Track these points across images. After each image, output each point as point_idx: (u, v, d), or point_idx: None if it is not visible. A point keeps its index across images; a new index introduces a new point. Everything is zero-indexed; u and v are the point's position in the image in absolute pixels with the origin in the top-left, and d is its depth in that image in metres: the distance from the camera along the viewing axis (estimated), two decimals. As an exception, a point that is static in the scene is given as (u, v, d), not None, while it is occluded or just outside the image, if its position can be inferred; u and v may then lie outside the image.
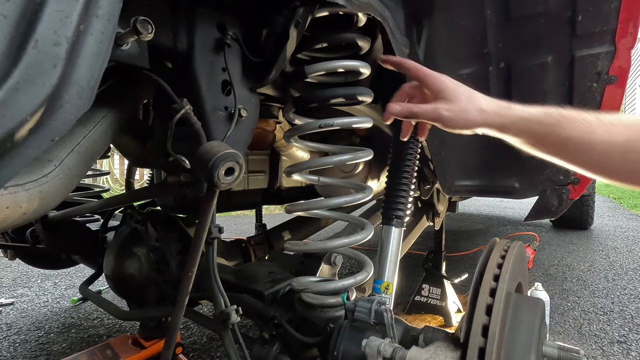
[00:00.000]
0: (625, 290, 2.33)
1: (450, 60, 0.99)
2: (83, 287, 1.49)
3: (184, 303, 0.64)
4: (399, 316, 0.80)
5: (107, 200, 1.49)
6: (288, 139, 0.93)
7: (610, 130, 0.54)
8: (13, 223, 0.49)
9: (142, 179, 6.42)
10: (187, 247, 1.18)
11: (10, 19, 0.32)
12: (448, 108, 0.63)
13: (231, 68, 0.71)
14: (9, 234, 1.69)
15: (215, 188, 0.56)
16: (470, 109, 0.62)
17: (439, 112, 0.63)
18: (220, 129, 0.70)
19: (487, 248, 0.72)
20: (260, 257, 1.60)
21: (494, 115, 0.61)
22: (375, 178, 1.61)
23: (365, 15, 0.78)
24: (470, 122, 0.62)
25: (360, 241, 0.86)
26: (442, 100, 0.64)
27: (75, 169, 0.58)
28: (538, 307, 0.62)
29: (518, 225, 4.50)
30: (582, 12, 0.85)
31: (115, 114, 0.70)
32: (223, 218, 5.24)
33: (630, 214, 5.43)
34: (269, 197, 1.85)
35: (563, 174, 1.02)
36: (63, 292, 2.35)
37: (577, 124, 0.56)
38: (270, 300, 0.95)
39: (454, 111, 0.62)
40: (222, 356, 1.59)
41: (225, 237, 1.14)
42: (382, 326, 0.68)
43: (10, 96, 0.33)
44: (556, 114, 0.57)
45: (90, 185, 1.92)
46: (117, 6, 0.42)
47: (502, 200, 6.30)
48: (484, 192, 1.16)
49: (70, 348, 1.68)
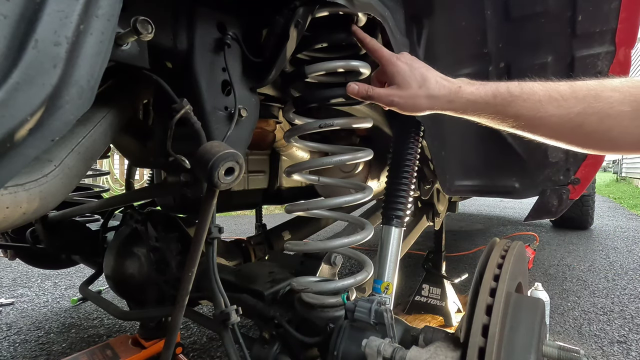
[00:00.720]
0: (625, 290, 2.33)
1: (450, 60, 0.99)
2: (83, 287, 1.49)
3: (184, 303, 0.64)
4: (399, 316, 0.80)
5: (107, 200, 1.49)
6: (288, 139, 0.93)
7: (560, 104, 0.55)
8: (13, 223, 0.49)
9: (142, 179, 6.42)
10: (187, 247, 1.18)
11: (10, 19, 0.32)
12: (399, 94, 0.66)
13: (231, 68, 0.71)
14: (9, 234, 1.69)
15: (215, 188, 0.56)
16: (419, 95, 0.64)
17: (390, 98, 0.67)
18: (220, 129, 0.70)
19: (487, 248, 0.72)
20: (260, 257, 1.60)
21: (443, 101, 0.64)
22: (375, 178, 1.61)
23: (365, 15, 0.78)
24: (419, 108, 0.66)
25: (360, 241, 0.86)
26: (394, 86, 0.67)
27: (75, 169, 0.58)
28: (538, 307, 0.62)
29: (518, 225, 4.50)
30: (582, 12, 0.85)
31: (115, 114, 0.70)
32: (223, 218, 5.24)
33: (630, 214, 5.43)
34: (269, 197, 1.85)
35: (563, 174, 1.02)
36: (63, 292, 2.35)
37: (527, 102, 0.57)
38: (270, 300, 0.95)
39: (404, 97, 0.65)
40: (222, 356, 1.59)
41: (225, 237, 1.14)
42: (382, 326, 0.68)
43: (10, 96, 0.33)
44: (505, 94, 0.59)
45: (90, 185, 1.92)
46: (117, 6, 0.42)
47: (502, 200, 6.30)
48: (484, 192, 1.16)
49: (70, 348, 1.68)
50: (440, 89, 0.64)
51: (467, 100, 0.62)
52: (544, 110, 0.56)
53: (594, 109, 0.53)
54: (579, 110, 0.54)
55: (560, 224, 4.21)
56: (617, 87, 0.52)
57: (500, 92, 0.59)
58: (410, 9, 0.94)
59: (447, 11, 0.94)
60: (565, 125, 0.55)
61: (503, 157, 1.07)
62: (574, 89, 0.55)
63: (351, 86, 0.71)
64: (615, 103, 0.52)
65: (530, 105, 0.57)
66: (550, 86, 0.57)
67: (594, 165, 1.00)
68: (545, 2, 0.86)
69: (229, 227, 4.58)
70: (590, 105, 0.53)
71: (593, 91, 0.53)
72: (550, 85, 0.57)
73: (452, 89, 0.63)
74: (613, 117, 0.52)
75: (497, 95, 0.59)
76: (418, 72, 0.66)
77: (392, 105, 0.68)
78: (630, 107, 0.51)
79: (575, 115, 0.54)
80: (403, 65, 0.67)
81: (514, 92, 0.58)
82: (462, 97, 0.62)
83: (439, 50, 0.98)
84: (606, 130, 0.53)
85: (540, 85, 0.57)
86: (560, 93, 0.55)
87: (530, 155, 1.04)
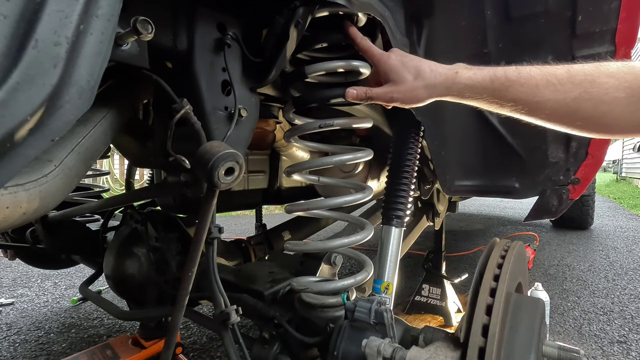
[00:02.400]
0: (625, 290, 2.33)
1: (451, 60, 0.98)
2: (83, 287, 1.49)
3: (184, 303, 0.64)
4: (399, 316, 0.80)
5: (107, 200, 1.49)
6: (288, 139, 0.93)
7: (557, 89, 0.55)
8: (13, 223, 0.49)
9: (142, 179, 6.42)
10: (187, 247, 1.18)
11: (10, 19, 0.32)
12: (397, 90, 0.66)
13: (231, 68, 0.71)
14: (9, 234, 1.69)
15: (215, 188, 0.56)
16: (417, 86, 0.65)
17: (390, 95, 0.67)
18: (220, 129, 0.70)
19: (487, 248, 0.72)
20: (260, 257, 1.60)
21: (441, 88, 0.64)
22: (375, 178, 1.61)
23: (365, 15, 0.78)
24: (419, 99, 0.67)
25: (360, 241, 0.86)
26: (391, 83, 0.68)
27: (75, 169, 0.58)
28: (538, 307, 0.62)
29: (518, 225, 4.50)
30: (582, 12, 0.85)
31: (115, 114, 0.70)
32: (223, 218, 5.24)
33: (630, 214, 5.43)
34: (269, 197, 1.85)
35: (563, 174, 1.02)
36: (63, 292, 2.35)
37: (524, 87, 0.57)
38: (270, 300, 0.95)
39: (402, 92, 0.66)
40: (222, 356, 1.59)
41: (225, 237, 1.14)
42: (382, 326, 0.68)
43: (10, 96, 0.33)
44: (502, 78, 0.59)
45: (90, 185, 1.92)
46: (117, 6, 0.42)
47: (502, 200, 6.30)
48: (484, 192, 1.16)
49: (70, 348, 1.68)
50: (436, 77, 0.64)
51: (465, 85, 0.62)
52: (541, 94, 0.56)
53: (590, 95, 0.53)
54: (575, 95, 0.54)
55: (560, 224, 4.21)
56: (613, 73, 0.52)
57: (497, 76, 0.59)
58: (410, 9, 0.94)
59: (447, 11, 0.94)
60: (561, 109, 0.56)
61: (503, 157, 1.07)
62: (570, 74, 0.55)
63: (349, 92, 0.72)
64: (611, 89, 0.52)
65: (528, 90, 0.57)
66: (548, 70, 0.57)
67: (594, 165, 1.00)
68: (545, 2, 0.86)
69: (229, 227, 4.58)
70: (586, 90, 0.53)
71: (590, 76, 0.54)
72: (548, 69, 0.57)
73: (448, 75, 0.63)
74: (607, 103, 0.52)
75: (495, 80, 0.59)
76: (411, 64, 0.66)
77: (392, 102, 0.68)
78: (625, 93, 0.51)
79: (571, 100, 0.54)
80: (395, 62, 0.67)
81: (511, 76, 0.58)
82: (460, 83, 0.62)
83: (439, 50, 0.98)
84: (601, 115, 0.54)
85: (537, 69, 0.58)
86: (558, 77, 0.55)
87: (530, 155, 1.04)
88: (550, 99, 0.56)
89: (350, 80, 0.89)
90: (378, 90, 0.69)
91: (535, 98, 0.56)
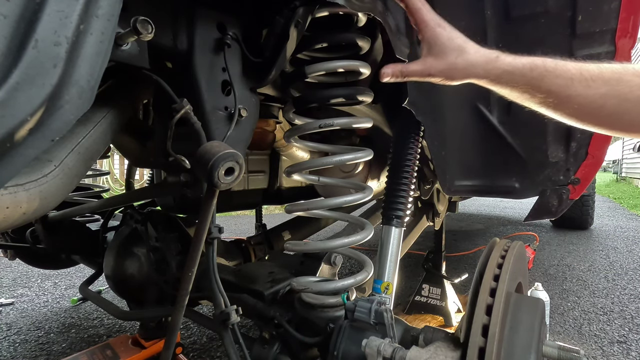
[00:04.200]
0: (625, 290, 2.33)
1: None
2: (83, 287, 1.49)
3: (184, 303, 0.64)
4: (399, 316, 0.80)
5: (107, 200, 1.49)
6: (288, 139, 0.93)
7: (589, 85, 0.55)
8: (13, 223, 0.49)
9: (142, 179, 6.42)
10: (187, 247, 1.18)
11: (10, 19, 0.32)
12: (437, 66, 0.64)
13: (231, 68, 0.71)
14: (9, 234, 1.69)
15: (215, 188, 0.56)
16: (457, 64, 0.63)
17: (428, 71, 0.65)
18: (220, 129, 0.70)
19: (487, 248, 0.72)
20: (260, 257, 1.60)
21: (479, 70, 0.63)
22: (375, 178, 1.61)
23: (365, 15, 0.78)
24: (456, 77, 0.65)
25: (360, 241, 0.86)
26: (431, 56, 0.65)
27: (75, 169, 0.58)
28: (538, 307, 0.62)
29: (518, 225, 4.50)
30: (582, 12, 0.85)
31: (115, 114, 0.70)
32: (223, 218, 5.24)
33: (630, 214, 5.43)
34: (269, 197, 1.85)
35: (563, 174, 1.02)
36: (63, 292, 2.35)
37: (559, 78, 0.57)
38: (270, 300, 0.95)
39: (442, 69, 0.64)
40: (222, 356, 1.59)
41: (225, 237, 1.13)
42: (382, 326, 0.67)
43: (10, 96, 0.33)
44: (541, 67, 0.58)
45: (90, 185, 1.92)
46: (117, 6, 0.42)
47: (502, 200, 6.30)
48: (484, 192, 1.16)
49: (70, 348, 1.68)
50: (479, 57, 0.63)
51: (504, 71, 0.61)
52: (574, 88, 0.56)
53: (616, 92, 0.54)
54: (603, 92, 0.54)
55: (560, 224, 4.21)
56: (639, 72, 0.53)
57: (536, 65, 0.59)
58: (410, 9, 0.93)
59: (447, 11, 0.94)
60: (589, 105, 0.56)
61: (503, 157, 1.07)
62: (601, 70, 0.55)
63: (384, 72, 0.68)
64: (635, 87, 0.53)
65: (562, 82, 0.57)
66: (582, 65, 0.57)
67: (594, 165, 1.00)
68: (545, 2, 0.86)
69: (229, 227, 4.58)
70: (613, 88, 0.54)
71: (617, 74, 0.54)
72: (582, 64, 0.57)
73: (490, 57, 0.62)
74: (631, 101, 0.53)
75: (534, 68, 0.59)
76: (457, 41, 0.64)
77: (429, 78, 0.66)
78: None
79: (599, 97, 0.55)
80: (442, 33, 0.65)
81: (549, 66, 0.58)
82: (500, 67, 0.61)
83: (439, 50, 0.98)
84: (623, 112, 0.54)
85: (573, 63, 0.58)
86: (590, 73, 0.56)
87: (530, 155, 1.04)
88: (580, 94, 0.56)
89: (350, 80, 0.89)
90: (415, 67, 0.66)
91: (568, 91, 0.57)
